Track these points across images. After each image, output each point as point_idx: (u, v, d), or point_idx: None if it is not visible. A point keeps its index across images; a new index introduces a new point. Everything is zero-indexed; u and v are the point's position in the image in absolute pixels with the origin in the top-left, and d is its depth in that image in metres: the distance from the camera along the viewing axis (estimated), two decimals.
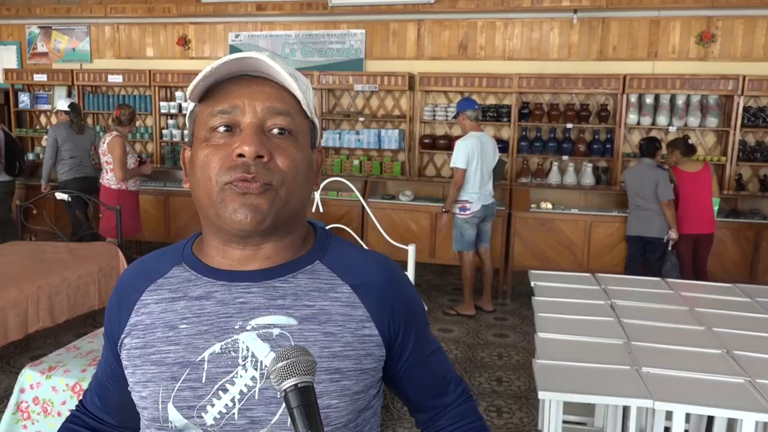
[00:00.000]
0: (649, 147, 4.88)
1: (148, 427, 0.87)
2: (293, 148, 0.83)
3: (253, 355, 0.82)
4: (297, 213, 0.86)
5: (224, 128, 0.81)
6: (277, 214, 0.82)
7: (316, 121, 0.89)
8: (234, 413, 0.81)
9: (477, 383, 3.68)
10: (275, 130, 0.82)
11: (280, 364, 0.68)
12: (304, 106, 0.84)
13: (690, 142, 5.03)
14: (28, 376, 2.34)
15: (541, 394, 2.03)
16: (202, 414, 0.82)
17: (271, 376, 0.69)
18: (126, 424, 0.99)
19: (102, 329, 2.77)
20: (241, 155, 0.79)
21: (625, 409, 2.49)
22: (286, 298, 0.84)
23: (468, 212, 4.69)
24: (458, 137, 6.34)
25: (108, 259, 3.97)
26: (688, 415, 2.44)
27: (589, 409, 3.02)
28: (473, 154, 4.66)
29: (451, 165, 4.74)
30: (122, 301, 0.91)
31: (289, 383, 0.68)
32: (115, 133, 4.85)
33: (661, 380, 2.11)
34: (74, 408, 1.04)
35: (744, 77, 5.55)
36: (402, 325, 0.90)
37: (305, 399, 0.68)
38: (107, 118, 7.29)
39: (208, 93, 0.84)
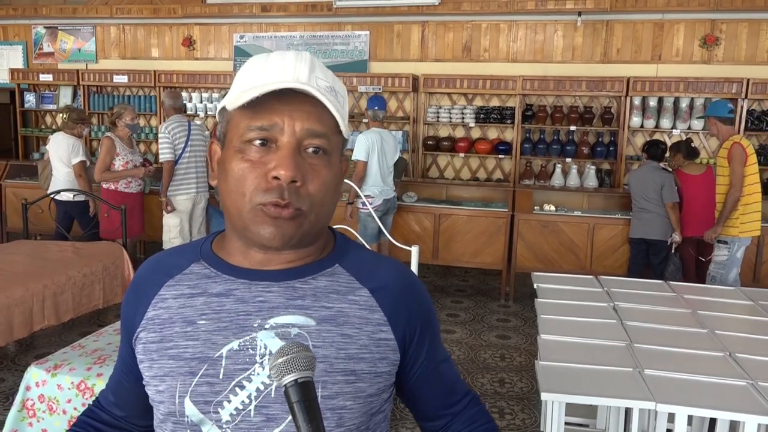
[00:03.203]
0: (655, 150, 4.89)
1: (164, 421, 0.87)
2: (326, 169, 0.84)
3: (270, 353, 0.83)
4: (323, 227, 0.89)
5: (260, 142, 0.81)
6: (303, 235, 0.84)
7: (349, 134, 0.90)
8: (250, 410, 0.82)
9: (479, 384, 3.69)
10: (310, 149, 0.82)
11: (280, 360, 0.69)
12: (341, 126, 0.84)
13: (693, 145, 5.03)
14: (33, 374, 2.35)
15: (544, 396, 2.03)
16: (219, 410, 0.83)
17: (271, 372, 0.70)
18: (138, 420, 1.00)
19: (106, 328, 2.81)
20: (276, 177, 0.80)
21: (628, 411, 2.50)
22: (306, 298, 0.86)
23: (370, 207, 4.77)
24: (461, 139, 6.37)
25: (113, 259, 3.99)
26: (690, 418, 2.45)
27: (591, 411, 3.03)
28: (373, 148, 4.78)
29: (352, 158, 4.86)
30: (139, 295, 0.92)
31: (289, 378, 0.69)
32: (107, 133, 4.87)
33: (664, 382, 2.12)
34: (90, 404, 1.06)
35: (748, 80, 5.55)
36: (417, 331, 0.91)
37: (305, 394, 0.69)
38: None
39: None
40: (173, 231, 4.96)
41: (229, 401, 0.82)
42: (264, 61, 0.85)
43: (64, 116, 5.26)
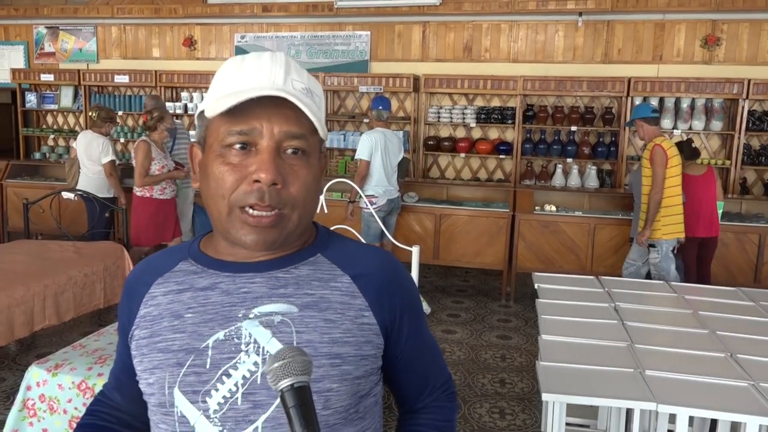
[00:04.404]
0: None
1: (155, 413, 0.90)
2: (305, 170, 0.86)
3: (255, 341, 0.85)
4: (306, 225, 0.91)
5: (240, 146, 0.84)
6: (287, 237, 0.87)
7: (326, 134, 0.92)
8: (237, 398, 0.84)
9: (480, 385, 3.69)
10: (290, 151, 0.85)
11: (276, 365, 0.70)
12: (318, 128, 0.87)
13: (693, 145, 5.03)
14: (34, 373, 2.35)
15: (545, 396, 2.03)
16: (207, 399, 0.85)
17: (267, 376, 0.71)
18: (142, 416, 1.02)
19: (107, 328, 2.81)
20: (257, 180, 0.82)
21: (629, 412, 2.50)
22: (288, 287, 0.88)
23: (374, 206, 4.79)
24: (462, 139, 6.37)
25: (114, 259, 3.99)
26: (691, 418, 2.45)
27: (592, 412, 3.02)
28: (376, 147, 4.81)
29: (356, 157, 4.91)
30: (132, 295, 0.95)
31: (285, 383, 0.70)
32: (142, 137, 4.85)
33: (665, 383, 2.12)
34: (97, 394, 1.08)
35: (749, 81, 5.54)
36: (398, 315, 0.93)
37: (301, 399, 0.70)
38: None
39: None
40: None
41: (217, 390, 0.84)
42: (239, 64, 0.87)
43: (93, 115, 5.32)
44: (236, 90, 0.82)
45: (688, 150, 4.87)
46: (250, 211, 0.83)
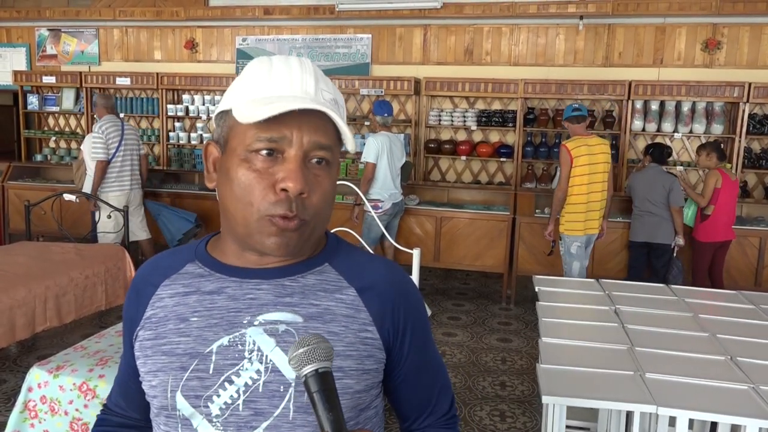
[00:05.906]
0: (659, 152, 4.89)
1: (158, 415, 0.90)
2: (328, 180, 0.86)
3: (258, 349, 0.85)
4: (321, 234, 0.92)
5: (266, 152, 0.82)
6: (304, 243, 0.87)
7: (354, 146, 0.92)
8: (239, 404, 0.84)
9: (480, 387, 3.69)
10: (315, 161, 0.84)
11: (300, 350, 0.71)
12: (347, 142, 0.87)
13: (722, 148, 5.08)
14: (35, 375, 2.36)
15: (545, 399, 2.04)
16: (209, 404, 0.85)
17: (291, 362, 0.72)
18: (149, 422, 1.01)
19: (108, 329, 2.81)
20: (284, 189, 0.81)
21: (629, 415, 2.50)
22: (294, 296, 0.88)
23: (379, 210, 4.83)
24: (463, 142, 6.38)
25: (115, 260, 3.99)
26: (691, 421, 2.45)
27: (592, 414, 3.02)
28: (382, 151, 4.84)
29: (362, 160, 4.95)
30: (139, 296, 0.94)
31: (309, 368, 0.71)
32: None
33: (665, 386, 2.12)
34: (99, 413, 1.08)
35: (749, 84, 5.55)
36: (401, 331, 0.92)
37: (325, 384, 0.71)
38: None
39: None
40: (108, 226, 5.12)
41: (219, 395, 0.85)
42: (268, 68, 0.85)
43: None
44: (268, 95, 0.82)
45: (721, 152, 4.88)
46: (277, 219, 0.83)
